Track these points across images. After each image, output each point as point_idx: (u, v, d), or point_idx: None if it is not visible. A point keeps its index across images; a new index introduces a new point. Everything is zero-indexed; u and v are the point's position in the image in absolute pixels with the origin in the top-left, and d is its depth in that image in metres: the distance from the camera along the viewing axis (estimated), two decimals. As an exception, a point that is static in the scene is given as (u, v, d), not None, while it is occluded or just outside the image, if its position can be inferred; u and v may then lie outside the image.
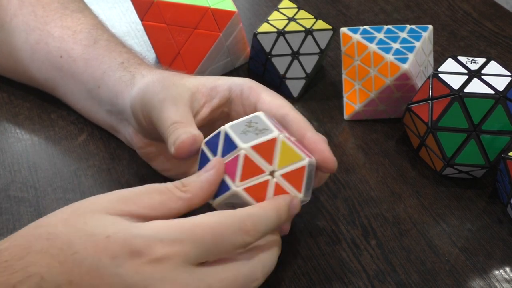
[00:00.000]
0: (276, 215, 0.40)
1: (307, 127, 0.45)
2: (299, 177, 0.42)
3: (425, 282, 0.46)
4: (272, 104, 0.46)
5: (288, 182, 0.41)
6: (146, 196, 0.39)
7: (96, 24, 0.57)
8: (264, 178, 0.41)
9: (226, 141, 0.42)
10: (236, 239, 0.38)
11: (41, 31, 0.56)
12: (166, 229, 0.37)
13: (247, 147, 0.40)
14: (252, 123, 0.42)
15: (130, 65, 0.52)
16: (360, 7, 0.77)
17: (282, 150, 0.41)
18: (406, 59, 0.56)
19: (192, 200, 0.40)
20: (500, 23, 0.74)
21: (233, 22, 0.60)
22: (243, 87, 0.48)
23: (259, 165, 0.41)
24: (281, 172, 0.41)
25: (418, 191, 0.54)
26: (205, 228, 0.37)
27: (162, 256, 0.36)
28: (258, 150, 0.40)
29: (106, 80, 0.52)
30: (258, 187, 0.41)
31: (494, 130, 0.51)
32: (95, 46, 0.54)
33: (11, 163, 0.54)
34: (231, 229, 0.38)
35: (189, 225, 0.37)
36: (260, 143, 0.41)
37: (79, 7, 0.58)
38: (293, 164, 0.41)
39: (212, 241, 0.37)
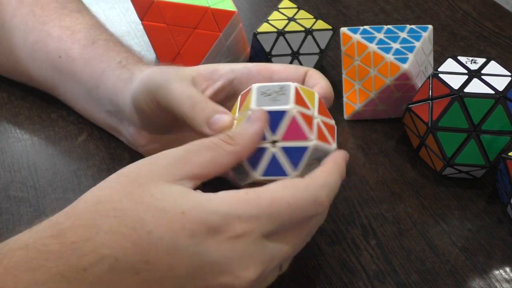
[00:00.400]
0: (340, 177, 0.40)
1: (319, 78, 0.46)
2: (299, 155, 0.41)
3: (425, 282, 0.46)
4: (287, 68, 0.47)
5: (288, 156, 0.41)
6: (196, 154, 0.38)
7: (95, 23, 0.57)
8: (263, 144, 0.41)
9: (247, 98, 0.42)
10: (311, 211, 0.38)
11: (40, 31, 0.56)
12: (243, 205, 0.36)
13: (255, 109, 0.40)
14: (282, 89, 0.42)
15: (128, 63, 0.52)
16: (360, 7, 0.77)
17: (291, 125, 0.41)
18: (406, 59, 0.56)
19: (241, 153, 0.39)
20: (500, 23, 0.74)
21: (233, 22, 0.60)
22: (248, 66, 0.47)
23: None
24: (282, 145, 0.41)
25: (418, 191, 0.54)
26: (282, 204, 0.36)
27: (241, 233, 0.35)
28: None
29: (105, 79, 0.52)
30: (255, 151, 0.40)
31: (494, 130, 0.51)
32: (93, 45, 0.54)
33: (11, 163, 0.54)
34: (306, 203, 0.37)
35: (266, 201, 0.36)
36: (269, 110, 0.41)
37: (78, 7, 0.58)
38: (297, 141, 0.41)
39: (289, 216, 0.37)
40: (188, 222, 0.35)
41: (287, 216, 0.37)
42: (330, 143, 0.42)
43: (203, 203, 0.36)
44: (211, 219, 0.35)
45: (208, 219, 0.35)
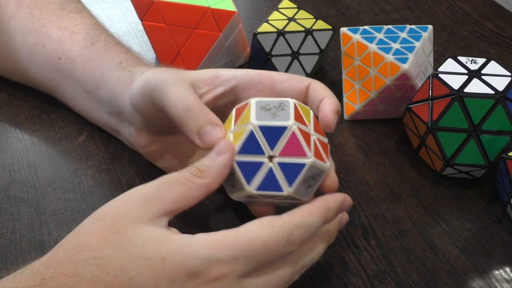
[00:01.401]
0: (323, 220, 0.40)
1: (325, 93, 0.46)
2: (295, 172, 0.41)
3: (425, 282, 0.46)
4: (290, 79, 0.47)
5: (283, 172, 0.41)
6: (168, 190, 0.38)
7: (94, 24, 0.57)
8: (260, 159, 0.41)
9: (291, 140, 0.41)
10: (285, 251, 0.38)
11: (39, 33, 0.56)
12: (222, 247, 0.36)
13: (255, 124, 0.41)
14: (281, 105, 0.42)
15: (128, 64, 0.52)
16: (360, 7, 0.77)
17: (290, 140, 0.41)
18: (406, 59, 0.56)
19: (211, 186, 0.40)
20: (500, 23, 0.74)
21: (233, 22, 0.60)
22: (250, 73, 0.47)
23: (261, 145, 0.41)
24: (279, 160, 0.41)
25: (418, 191, 0.54)
26: (258, 245, 0.37)
27: (219, 275, 0.36)
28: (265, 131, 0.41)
29: (105, 81, 0.52)
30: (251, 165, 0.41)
31: (494, 130, 0.51)
32: (93, 47, 0.54)
33: (11, 163, 0.54)
34: (281, 242, 0.38)
35: (244, 242, 0.37)
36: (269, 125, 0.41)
37: (76, 7, 0.58)
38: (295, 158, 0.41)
39: (265, 255, 0.37)
40: (169, 268, 0.35)
41: (263, 256, 0.37)
42: (325, 161, 0.43)
43: (183, 248, 0.36)
44: (191, 264, 0.36)
45: (189, 263, 0.36)
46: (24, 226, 0.49)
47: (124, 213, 0.37)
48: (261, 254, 0.37)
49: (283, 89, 0.46)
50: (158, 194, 0.38)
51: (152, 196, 0.38)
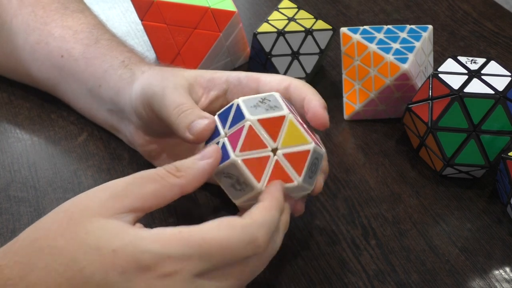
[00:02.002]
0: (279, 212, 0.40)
1: (307, 91, 0.45)
2: (301, 160, 0.41)
3: (425, 282, 0.46)
4: (273, 82, 0.46)
5: (290, 163, 0.41)
6: (138, 187, 0.38)
7: (97, 24, 0.57)
8: (265, 153, 0.40)
9: (236, 112, 0.41)
10: (247, 252, 0.37)
11: (41, 31, 0.56)
12: (175, 243, 0.36)
13: (253, 119, 0.40)
14: (265, 99, 0.42)
15: (130, 62, 0.52)
16: (360, 7, 0.77)
17: (289, 129, 0.41)
18: (406, 59, 0.56)
19: (186, 187, 0.39)
20: (500, 23, 0.74)
21: (233, 22, 0.60)
22: (240, 76, 0.48)
23: (262, 140, 0.40)
24: (284, 151, 0.41)
25: (418, 191, 0.54)
26: (213, 245, 0.36)
27: (171, 271, 0.35)
28: (264, 124, 0.40)
29: (107, 78, 0.52)
30: (257, 161, 0.40)
31: (494, 130, 0.51)
32: (96, 45, 0.54)
33: (11, 163, 0.54)
34: (242, 244, 0.37)
35: (197, 240, 0.36)
36: (267, 117, 0.40)
37: (79, 7, 0.58)
38: (298, 146, 0.41)
39: (221, 256, 0.36)
40: (119, 260, 0.35)
41: (219, 257, 0.36)
42: (321, 147, 0.43)
43: (134, 241, 0.36)
44: (142, 258, 0.35)
45: (139, 257, 0.35)
46: (24, 226, 0.49)
47: (87, 206, 0.37)
48: (216, 254, 0.36)
49: (266, 91, 0.46)
50: (126, 190, 0.38)
51: (120, 192, 0.38)
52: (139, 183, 0.38)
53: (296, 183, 0.41)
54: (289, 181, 0.41)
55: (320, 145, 0.43)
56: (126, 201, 0.37)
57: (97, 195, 0.38)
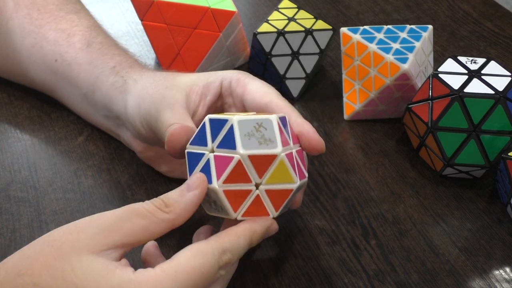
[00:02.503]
0: (248, 243, 0.40)
1: (292, 113, 0.45)
2: (282, 197, 0.41)
3: (425, 282, 0.46)
4: (256, 93, 0.46)
5: (270, 198, 0.41)
6: (128, 222, 0.37)
7: (91, 25, 0.56)
8: (247, 187, 0.40)
9: (228, 133, 0.40)
10: (216, 276, 0.38)
11: (36, 34, 0.56)
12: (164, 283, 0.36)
13: (244, 154, 0.39)
14: (261, 127, 0.41)
15: (122, 69, 0.51)
16: (360, 7, 0.77)
17: (277, 168, 0.40)
18: (406, 59, 0.56)
19: (176, 221, 0.39)
20: (500, 23, 0.74)
21: (233, 22, 0.60)
22: (231, 79, 0.47)
23: (248, 174, 0.40)
24: (266, 188, 0.40)
25: (418, 191, 0.54)
26: (196, 274, 0.37)
27: None
28: (253, 160, 0.39)
29: (99, 85, 0.52)
30: (238, 193, 0.40)
31: (494, 130, 0.51)
32: (88, 49, 0.54)
33: (11, 163, 0.54)
34: (214, 269, 0.38)
35: (182, 275, 0.36)
36: (259, 154, 0.39)
37: (74, 8, 0.58)
38: (282, 184, 0.41)
39: (202, 284, 0.37)
40: None
41: (201, 284, 0.37)
42: (305, 176, 0.43)
43: (121, 284, 0.35)
44: None
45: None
46: (24, 226, 0.49)
47: (75, 241, 0.36)
48: (200, 283, 0.37)
49: (248, 100, 0.46)
50: (115, 225, 0.37)
51: (109, 227, 0.37)
52: (129, 218, 0.38)
53: (271, 217, 0.41)
54: (265, 214, 0.41)
55: (304, 172, 0.43)
56: (116, 236, 0.37)
57: (86, 229, 0.37)
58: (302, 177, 0.42)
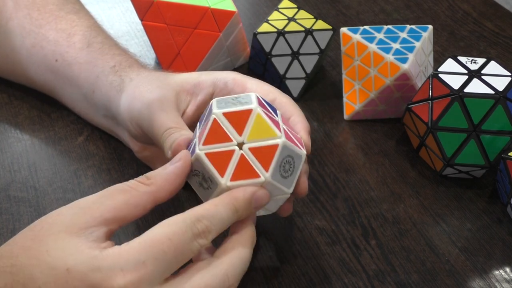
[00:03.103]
0: (231, 212, 0.38)
1: (293, 111, 0.45)
2: (269, 155, 0.39)
3: (425, 282, 0.46)
4: (258, 91, 0.46)
5: (256, 157, 0.39)
6: (109, 198, 0.38)
7: (91, 25, 0.56)
8: (230, 147, 0.39)
9: (208, 111, 0.41)
10: (194, 245, 0.37)
11: (36, 34, 0.56)
12: (126, 255, 0.35)
13: (218, 112, 0.39)
14: (240, 97, 0.41)
15: (121, 68, 0.52)
16: (360, 7, 0.77)
17: (256, 123, 0.39)
18: (406, 59, 0.56)
19: (158, 193, 0.39)
20: (500, 23, 0.74)
21: (233, 22, 0.60)
22: (227, 80, 0.47)
23: (227, 133, 0.39)
24: (250, 146, 0.39)
25: (418, 191, 0.54)
26: (164, 241, 0.36)
27: (124, 285, 0.35)
28: (229, 118, 0.39)
29: (99, 85, 0.52)
30: (221, 155, 0.39)
31: (494, 130, 0.51)
32: (88, 49, 0.54)
33: (11, 163, 0.54)
34: (186, 237, 0.36)
35: (147, 243, 0.36)
36: (233, 111, 0.39)
37: (74, 8, 0.58)
38: (265, 140, 0.39)
39: (173, 252, 0.36)
40: (72, 279, 0.35)
41: (172, 253, 0.36)
42: (300, 148, 0.41)
43: (87, 260, 0.35)
44: (92, 276, 0.35)
45: (90, 276, 0.35)
46: (24, 226, 0.48)
47: (53, 223, 0.37)
48: (169, 251, 0.36)
49: None
50: (96, 202, 0.37)
51: (89, 205, 0.37)
52: (110, 195, 0.38)
53: (263, 179, 0.39)
54: (256, 177, 0.39)
55: (299, 146, 0.41)
56: (96, 212, 0.37)
57: (68, 211, 0.38)
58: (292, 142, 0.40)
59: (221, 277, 0.37)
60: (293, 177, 0.41)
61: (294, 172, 0.41)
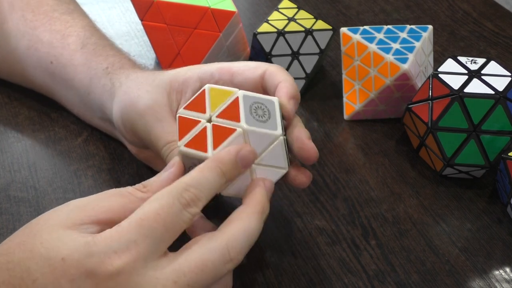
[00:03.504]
0: (218, 176, 0.38)
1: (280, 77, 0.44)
2: (234, 109, 0.40)
3: (425, 282, 0.46)
4: (247, 71, 0.45)
5: (225, 119, 0.39)
6: (106, 200, 0.38)
7: (85, 26, 0.56)
8: (200, 127, 0.40)
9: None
10: (184, 215, 0.36)
11: (31, 36, 0.55)
12: (117, 237, 0.35)
13: (181, 110, 0.41)
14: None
15: (113, 70, 0.51)
16: (360, 7, 0.77)
17: (213, 95, 0.40)
18: (406, 59, 0.56)
19: None
20: (500, 23, 0.74)
21: (233, 22, 0.60)
22: (212, 71, 0.47)
23: (194, 119, 0.40)
24: (216, 114, 0.40)
25: (418, 191, 0.54)
26: (151, 217, 0.35)
27: (120, 267, 0.34)
28: (190, 107, 0.41)
29: (93, 87, 0.52)
30: (198, 138, 0.40)
31: (494, 130, 0.51)
32: (82, 50, 0.54)
33: (11, 163, 0.54)
34: (175, 208, 0.36)
35: (136, 222, 0.35)
36: (191, 100, 0.41)
37: (69, 8, 0.58)
38: (225, 101, 0.40)
39: (163, 226, 0.35)
40: (68, 267, 0.35)
41: (161, 227, 0.35)
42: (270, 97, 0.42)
43: (80, 247, 0.35)
44: (88, 261, 0.35)
45: (85, 262, 0.35)
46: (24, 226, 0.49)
47: (49, 218, 0.37)
48: (158, 226, 0.35)
49: (240, 81, 0.45)
50: (93, 203, 0.38)
51: (86, 204, 0.38)
52: (107, 197, 0.38)
53: (240, 129, 0.39)
54: (233, 131, 0.39)
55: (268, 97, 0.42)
56: (91, 212, 0.37)
57: (64, 208, 0.38)
58: None
59: (220, 251, 0.36)
60: (274, 119, 0.41)
61: (271, 115, 0.41)
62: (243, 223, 0.38)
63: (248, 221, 0.38)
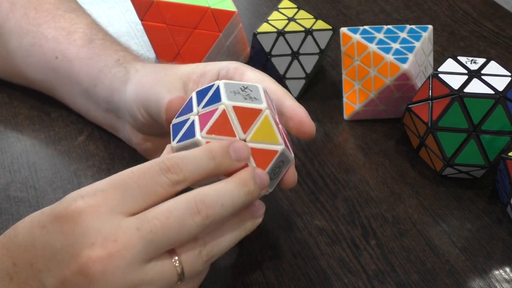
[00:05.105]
0: (206, 156, 0.38)
1: (286, 96, 0.45)
2: (267, 159, 0.40)
3: (425, 282, 0.46)
4: (253, 80, 0.46)
5: (254, 159, 0.39)
6: None
7: (90, 23, 0.57)
8: None
9: (214, 94, 0.40)
10: (161, 179, 0.36)
11: (35, 33, 0.56)
12: (89, 187, 0.36)
13: (228, 104, 0.39)
14: (247, 89, 0.41)
15: (125, 61, 0.52)
16: (360, 7, 0.77)
17: (262, 125, 0.39)
18: (406, 59, 0.56)
19: None
20: (500, 23, 0.74)
21: (233, 22, 0.60)
22: (229, 68, 0.47)
23: (232, 127, 0.39)
24: (251, 145, 0.39)
25: (418, 191, 0.54)
26: (125, 173, 0.36)
27: (81, 207, 0.35)
28: (238, 113, 0.39)
29: (102, 78, 0.52)
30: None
31: (494, 130, 0.51)
32: (90, 45, 0.54)
33: (11, 163, 0.54)
34: (152, 169, 0.36)
35: (110, 177, 0.37)
36: (243, 106, 0.39)
37: (71, 7, 0.58)
38: (267, 143, 0.40)
39: (135, 183, 0.36)
40: (43, 217, 0.36)
41: (133, 184, 0.36)
42: (291, 152, 0.42)
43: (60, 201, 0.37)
44: (57, 207, 0.36)
45: (56, 208, 0.36)
46: (24, 226, 0.49)
47: None
48: (130, 181, 0.36)
49: None
50: None
51: None
52: None
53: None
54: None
55: (290, 150, 0.42)
56: None
57: None
58: (287, 148, 0.41)
59: (186, 201, 0.36)
60: (277, 179, 0.42)
61: (279, 174, 0.42)
62: (216, 184, 0.38)
63: (222, 184, 0.38)
